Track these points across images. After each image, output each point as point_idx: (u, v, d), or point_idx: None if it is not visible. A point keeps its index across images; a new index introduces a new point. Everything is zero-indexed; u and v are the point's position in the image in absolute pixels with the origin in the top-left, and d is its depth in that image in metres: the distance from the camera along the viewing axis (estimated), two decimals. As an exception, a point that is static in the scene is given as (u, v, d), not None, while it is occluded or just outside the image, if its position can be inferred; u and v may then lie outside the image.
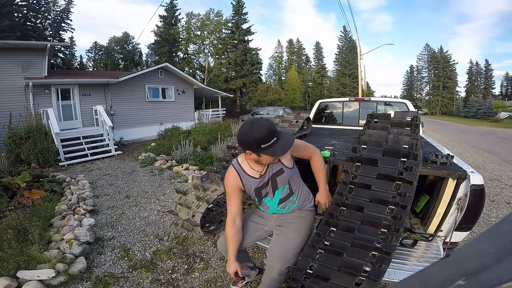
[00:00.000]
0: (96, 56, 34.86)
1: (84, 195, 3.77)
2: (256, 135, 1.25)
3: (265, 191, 1.53)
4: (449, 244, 1.62)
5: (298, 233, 1.54)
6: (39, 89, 8.61)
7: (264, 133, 1.25)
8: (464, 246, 0.24)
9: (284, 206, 1.57)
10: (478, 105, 31.46)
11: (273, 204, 1.57)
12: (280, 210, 1.59)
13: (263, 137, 1.25)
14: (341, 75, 40.60)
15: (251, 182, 1.49)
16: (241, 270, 1.51)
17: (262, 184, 1.50)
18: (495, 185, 4.45)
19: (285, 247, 1.46)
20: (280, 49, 44.41)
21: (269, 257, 1.48)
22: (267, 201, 1.57)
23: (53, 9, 23.09)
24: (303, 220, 1.59)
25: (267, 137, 1.25)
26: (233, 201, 1.51)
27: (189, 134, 8.28)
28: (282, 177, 1.50)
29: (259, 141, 1.25)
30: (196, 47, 29.93)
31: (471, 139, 10.81)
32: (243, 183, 1.49)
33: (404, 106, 3.63)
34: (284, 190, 1.54)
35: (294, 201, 1.57)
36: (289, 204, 1.57)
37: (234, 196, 1.51)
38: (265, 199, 1.57)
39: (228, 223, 1.51)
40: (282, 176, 1.50)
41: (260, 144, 1.26)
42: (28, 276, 1.94)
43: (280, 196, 1.54)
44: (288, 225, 1.56)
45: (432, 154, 1.76)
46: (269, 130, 1.26)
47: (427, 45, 47.33)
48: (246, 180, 1.49)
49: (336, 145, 2.36)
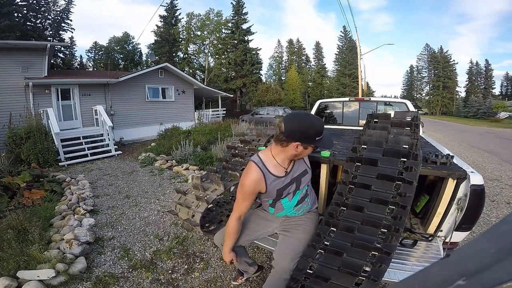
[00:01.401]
0: (96, 56, 34.87)
1: (84, 195, 3.77)
2: (318, 127, 1.32)
3: (287, 191, 1.47)
4: (449, 244, 1.62)
5: (307, 233, 1.53)
6: (39, 89, 8.61)
7: (322, 125, 1.35)
8: (464, 246, 0.24)
9: (299, 209, 1.56)
10: (478, 105, 31.46)
11: (290, 206, 1.53)
12: (295, 213, 1.56)
13: (322, 129, 1.33)
14: (341, 75, 40.61)
15: (276, 183, 1.42)
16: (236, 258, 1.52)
17: (286, 184, 1.45)
18: (495, 185, 4.45)
19: (296, 249, 1.45)
20: (280, 49, 44.44)
21: (278, 258, 1.44)
22: (285, 202, 1.51)
23: (53, 9, 23.11)
24: (310, 221, 1.59)
25: (323, 129, 1.35)
26: (247, 203, 1.44)
27: (189, 134, 8.28)
28: (305, 178, 1.51)
29: (319, 132, 1.32)
30: (196, 47, 29.94)
31: (471, 139, 10.81)
32: (267, 184, 1.41)
33: (404, 106, 3.63)
34: (303, 192, 1.54)
35: (308, 202, 1.58)
36: (304, 206, 1.57)
37: (250, 198, 1.44)
38: (283, 200, 1.51)
39: (233, 219, 1.47)
40: (306, 177, 1.51)
41: (317, 136, 1.32)
42: (28, 276, 1.94)
43: (299, 197, 1.53)
44: (297, 226, 1.55)
45: (432, 154, 1.76)
46: (323, 123, 1.37)
47: (427, 45, 47.41)
48: (270, 180, 1.41)
49: (336, 145, 2.36)
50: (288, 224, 1.58)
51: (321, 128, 1.33)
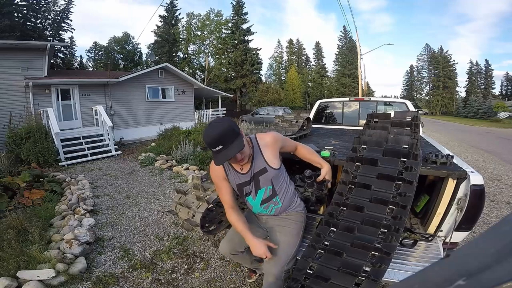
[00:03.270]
0: (96, 56, 34.83)
1: (84, 195, 3.77)
2: (205, 138, 1.28)
3: (248, 190, 1.49)
4: (449, 244, 1.62)
5: (290, 236, 1.51)
6: (39, 89, 8.60)
7: (209, 140, 1.26)
8: (464, 246, 0.24)
9: (267, 207, 1.53)
10: (478, 105, 31.44)
11: (256, 204, 1.54)
12: (264, 210, 1.56)
13: (209, 143, 1.27)
14: (341, 75, 40.61)
15: (234, 176, 1.47)
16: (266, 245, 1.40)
17: (245, 181, 1.46)
18: (495, 185, 4.45)
19: (277, 252, 1.44)
20: (280, 49, 44.42)
21: (265, 262, 1.47)
22: (250, 200, 1.55)
23: (53, 9, 23.07)
24: (293, 223, 1.56)
25: (213, 143, 1.26)
26: (223, 190, 1.50)
27: (189, 134, 8.27)
28: (265, 177, 1.45)
29: (209, 144, 1.28)
30: (196, 47, 29.96)
31: (471, 139, 10.81)
32: (227, 174, 1.48)
33: (404, 106, 3.63)
34: (267, 191, 1.49)
35: (277, 202, 1.52)
36: (272, 205, 1.52)
37: (222, 186, 1.50)
38: (248, 198, 1.54)
39: (227, 211, 1.51)
40: (265, 175, 1.45)
41: (210, 148, 1.29)
42: (28, 276, 1.94)
43: (263, 197, 1.50)
44: (279, 229, 1.54)
45: (432, 154, 1.76)
46: (215, 137, 1.25)
47: (427, 45, 47.37)
48: (230, 172, 1.48)
49: (336, 145, 2.36)
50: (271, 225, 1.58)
51: (210, 142, 1.26)
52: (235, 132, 1.30)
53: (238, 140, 1.29)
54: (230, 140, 1.27)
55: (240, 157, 1.34)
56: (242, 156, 1.34)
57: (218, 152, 1.27)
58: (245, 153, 1.35)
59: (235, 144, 1.28)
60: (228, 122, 1.31)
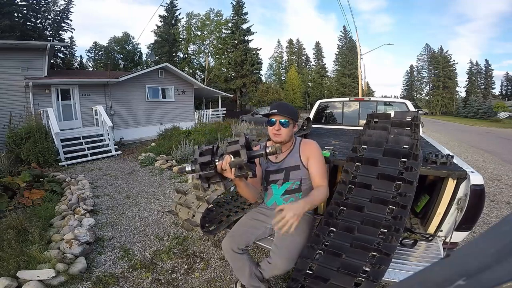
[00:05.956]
0: (96, 56, 34.84)
1: (84, 195, 3.77)
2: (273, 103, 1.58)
3: (275, 177, 1.59)
4: (449, 244, 1.62)
5: (301, 234, 1.53)
6: (39, 89, 8.60)
7: (276, 104, 1.56)
8: (464, 246, 0.24)
9: (287, 199, 1.60)
10: (478, 105, 31.45)
11: (278, 193, 1.62)
12: (283, 201, 1.60)
13: (273, 106, 1.55)
14: (341, 75, 40.64)
15: (267, 163, 1.60)
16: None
17: (274, 169, 1.59)
18: (495, 185, 4.45)
19: (290, 247, 1.46)
20: (280, 49, 44.49)
21: (275, 257, 1.46)
22: (274, 188, 1.63)
23: (53, 9, 23.09)
24: (304, 222, 1.58)
25: (276, 106, 1.55)
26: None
27: (189, 134, 8.28)
28: (296, 173, 1.56)
29: (272, 107, 1.54)
30: (196, 47, 30.00)
31: (471, 139, 10.81)
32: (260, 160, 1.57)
33: (404, 106, 3.63)
34: (294, 185, 1.59)
35: (298, 198, 1.59)
36: (292, 199, 1.59)
37: None
38: (273, 186, 1.62)
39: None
40: (296, 172, 1.55)
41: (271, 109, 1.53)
42: (28, 276, 1.94)
43: (288, 188, 1.59)
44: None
45: (432, 154, 1.76)
46: (281, 104, 1.57)
47: (427, 45, 47.43)
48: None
49: (336, 145, 2.37)
50: None
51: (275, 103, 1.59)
52: (295, 116, 1.52)
53: (289, 118, 1.50)
54: (287, 113, 1.49)
55: (278, 128, 1.49)
56: (280, 131, 1.49)
57: (273, 114, 1.50)
58: (284, 132, 1.50)
59: (287, 117, 1.49)
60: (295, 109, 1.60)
